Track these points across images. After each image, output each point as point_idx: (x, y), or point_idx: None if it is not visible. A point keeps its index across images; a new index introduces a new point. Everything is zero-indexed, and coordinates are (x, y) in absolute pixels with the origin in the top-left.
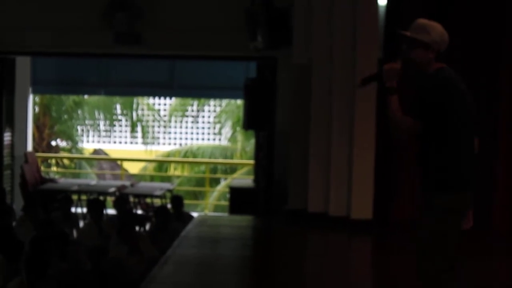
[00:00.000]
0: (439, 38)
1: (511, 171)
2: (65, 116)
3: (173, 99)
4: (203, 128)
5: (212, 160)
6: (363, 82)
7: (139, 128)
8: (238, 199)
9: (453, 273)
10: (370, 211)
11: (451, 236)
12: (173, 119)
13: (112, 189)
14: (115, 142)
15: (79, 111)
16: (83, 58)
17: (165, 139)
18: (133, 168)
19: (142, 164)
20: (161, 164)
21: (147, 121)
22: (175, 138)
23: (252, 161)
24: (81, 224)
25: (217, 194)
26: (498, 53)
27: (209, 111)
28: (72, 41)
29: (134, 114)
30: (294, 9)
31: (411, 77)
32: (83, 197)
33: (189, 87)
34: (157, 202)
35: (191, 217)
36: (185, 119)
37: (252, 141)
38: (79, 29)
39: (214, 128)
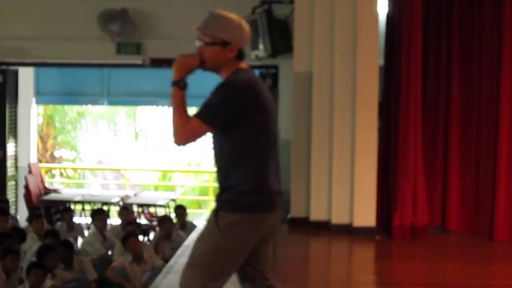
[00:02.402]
0: (239, 35)
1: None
2: (69, 127)
3: None
4: (207, 136)
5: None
6: (152, 62)
7: (142, 137)
8: None
9: None
10: (373, 219)
11: (230, 256)
12: None
13: (115, 199)
14: (119, 152)
15: (83, 121)
16: (86, 68)
17: (169, 148)
18: (137, 178)
19: (146, 174)
20: (165, 174)
21: (151, 130)
22: (179, 147)
23: None
24: (86, 233)
25: None
26: (498, 60)
27: None
28: (75, 51)
29: (138, 123)
30: (295, 18)
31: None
32: (87, 207)
33: (191, 96)
34: (161, 211)
35: (195, 226)
36: None
37: None
38: (81, 40)
39: None
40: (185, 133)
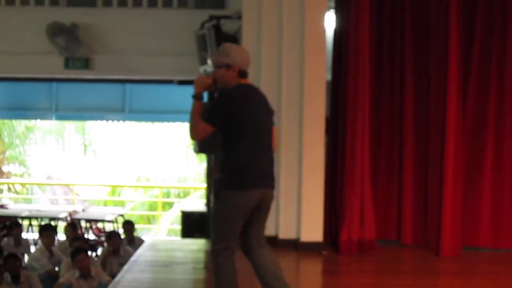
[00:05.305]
0: (239, 59)
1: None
2: (17, 141)
3: (126, 122)
4: (156, 151)
5: (166, 185)
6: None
7: (91, 152)
8: (190, 223)
9: (230, 251)
10: (320, 234)
11: (230, 223)
12: (126, 142)
13: (63, 214)
14: (68, 167)
15: (31, 136)
16: (33, 83)
17: (118, 163)
18: (86, 193)
19: (95, 189)
20: (114, 189)
21: (100, 145)
22: (128, 162)
23: (204, 185)
24: (33, 249)
25: (171, 218)
26: (445, 75)
27: (162, 134)
28: (22, 66)
29: (87, 138)
30: (243, 33)
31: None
32: (34, 222)
33: (141, 111)
34: (109, 226)
35: (143, 241)
36: (138, 142)
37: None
38: (28, 54)
39: (168, 151)
40: (198, 131)
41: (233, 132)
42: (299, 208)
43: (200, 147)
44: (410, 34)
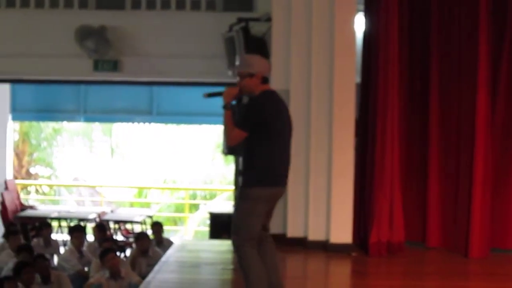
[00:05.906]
0: (260, 67)
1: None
2: (45, 143)
3: (153, 124)
4: (182, 153)
5: (192, 186)
6: (208, 95)
7: (118, 154)
8: (218, 224)
9: (254, 241)
10: (350, 235)
11: (255, 217)
12: (153, 144)
13: (92, 215)
14: (94, 168)
15: (58, 138)
16: (62, 85)
17: (145, 165)
18: (112, 195)
19: (122, 191)
20: (141, 190)
21: (127, 146)
22: (155, 164)
23: (231, 187)
24: (62, 250)
25: (197, 220)
26: (474, 77)
27: (189, 136)
28: (51, 68)
29: (114, 140)
30: (272, 36)
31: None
32: (63, 223)
33: (169, 113)
34: (138, 228)
35: (171, 242)
36: (165, 144)
37: (232, 166)
38: (58, 56)
39: (194, 153)
40: (233, 137)
41: (261, 135)
42: (328, 210)
43: (229, 149)
44: (439, 37)
